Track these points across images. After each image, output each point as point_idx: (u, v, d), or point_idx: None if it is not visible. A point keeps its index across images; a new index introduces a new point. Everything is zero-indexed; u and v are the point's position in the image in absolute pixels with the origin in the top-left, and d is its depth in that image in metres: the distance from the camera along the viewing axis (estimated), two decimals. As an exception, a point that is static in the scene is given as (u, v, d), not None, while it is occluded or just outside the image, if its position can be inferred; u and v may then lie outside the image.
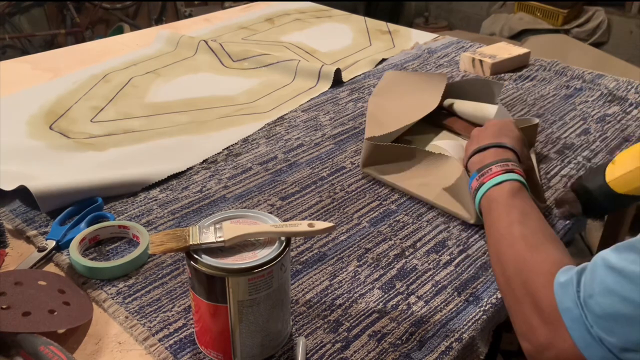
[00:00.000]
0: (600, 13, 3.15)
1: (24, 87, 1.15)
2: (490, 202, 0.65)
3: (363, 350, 0.59)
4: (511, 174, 0.66)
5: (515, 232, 0.58)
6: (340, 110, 1.09)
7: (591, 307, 0.45)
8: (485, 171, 0.68)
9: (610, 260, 0.46)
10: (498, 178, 0.66)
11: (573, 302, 0.47)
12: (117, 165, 0.88)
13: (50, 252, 0.70)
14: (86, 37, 3.16)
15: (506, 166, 0.67)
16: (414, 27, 2.14)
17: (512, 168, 0.67)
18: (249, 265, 0.51)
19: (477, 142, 0.75)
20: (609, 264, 0.46)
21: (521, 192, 0.65)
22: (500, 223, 0.61)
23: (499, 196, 0.64)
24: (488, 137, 0.74)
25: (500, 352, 1.38)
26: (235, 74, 1.24)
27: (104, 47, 1.39)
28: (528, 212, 0.61)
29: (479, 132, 0.78)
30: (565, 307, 0.47)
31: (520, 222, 0.59)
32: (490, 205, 0.65)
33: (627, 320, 0.43)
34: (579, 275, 0.48)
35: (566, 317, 0.47)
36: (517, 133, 0.76)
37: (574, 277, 0.48)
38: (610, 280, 0.45)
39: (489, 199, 0.66)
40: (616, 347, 0.43)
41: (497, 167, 0.67)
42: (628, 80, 1.20)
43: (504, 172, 0.66)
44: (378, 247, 0.73)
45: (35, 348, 0.53)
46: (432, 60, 1.32)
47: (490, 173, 0.67)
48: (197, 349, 0.58)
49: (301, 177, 0.88)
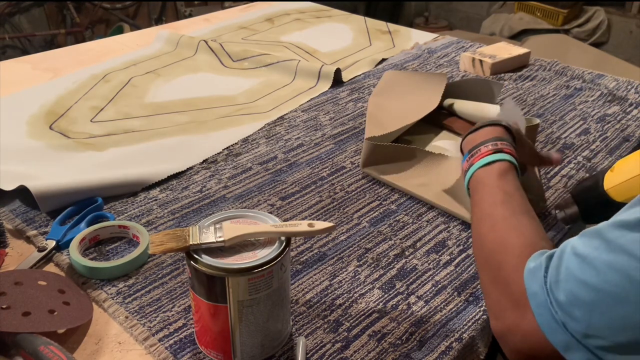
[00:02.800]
0: (600, 13, 3.15)
1: (24, 87, 1.15)
2: (477, 183, 0.64)
3: (363, 350, 0.59)
4: (501, 154, 0.64)
5: (497, 214, 0.58)
6: (340, 110, 1.09)
7: (556, 292, 0.46)
8: (475, 151, 0.66)
9: (576, 247, 0.46)
10: (487, 158, 0.64)
11: (540, 287, 0.47)
12: (117, 165, 0.88)
13: (50, 252, 0.70)
14: (86, 37, 3.16)
15: (495, 145, 0.65)
16: (414, 27, 2.14)
17: (501, 147, 0.65)
18: (249, 265, 0.51)
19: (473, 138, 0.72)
20: (575, 251, 0.46)
21: (509, 172, 0.63)
22: (483, 204, 0.61)
23: (485, 177, 0.63)
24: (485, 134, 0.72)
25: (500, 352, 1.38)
26: (235, 74, 1.24)
27: (104, 47, 1.39)
28: (512, 193, 0.60)
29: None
30: (533, 292, 0.48)
31: (502, 203, 0.59)
32: (477, 186, 0.64)
33: (589, 305, 0.43)
34: (547, 260, 0.48)
35: (533, 301, 0.48)
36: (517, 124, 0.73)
37: (544, 262, 0.48)
38: (574, 266, 0.45)
39: (477, 179, 0.64)
40: (579, 332, 0.44)
41: (487, 147, 0.65)
42: (628, 80, 1.20)
43: (493, 152, 0.64)
44: (378, 247, 0.73)
45: (35, 348, 0.53)
46: (432, 60, 1.32)
47: (480, 153, 0.66)
48: (197, 349, 0.58)
49: (301, 177, 0.88)
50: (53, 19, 3.17)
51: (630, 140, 0.99)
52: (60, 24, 3.20)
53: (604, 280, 0.43)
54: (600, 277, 0.43)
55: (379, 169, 0.86)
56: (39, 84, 1.16)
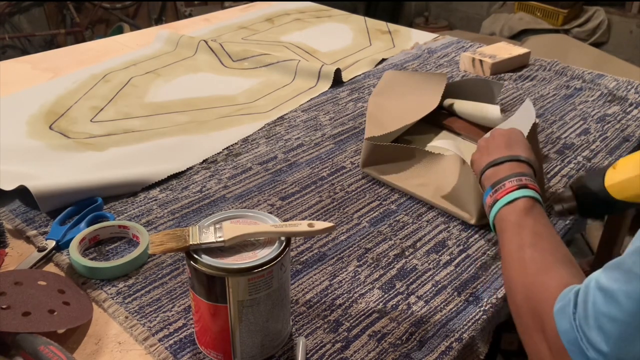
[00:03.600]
0: (600, 13, 3.15)
1: (24, 87, 1.15)
2: (502, 221, 0.63)
3: (363, 350, 0.59)
4: (525, 190, 0.64)
5: (526, 256, 0.57)
6: (340, 110, 1.09)
7: (586, 329, 0.45)
8: (499, 187, 0.66)
9: (600, 280, 0.45)
10: (511, 195, 0.64)
11: (570, 324, 0.46)
12: (117, 165, 0.88)
13: (50, 252, 0.70)
14: (86, 37, 3.16)
15: (520, 181, 0.65)
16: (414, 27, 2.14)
17: (525, 183, 0.65)
18: (248, 265, 0.51)
19: (488, 154, 0.72)
20: (598, 285, 0.45)
21: (534, 209, 0.62)
22: (511, 246, 0.59)
23: (510, 215, 0.62)
24: (500, 149, 0.71)
25: (500, 352, 1.38)
26: (235, 74, 1.24)
27: (104, 47, 1.39)
28: (540, 232, 0.59)
29: (487, 142, 0.75)
30: (564, 330, 0.47)
31: (530, 245, 0.58)
32: (502, 225, 0.63)
33: (616, 340, 0.43)
34: (575, 296, 0.47)
35: (564, 339, 0.47)
36: (527, 143, 0.73)
37: (572, 298, 0.47)
38: (599, 300, 0.44)
39: (502, 217, 0.63)
40: None
41: (511, 183, 0.65)
42: (628, 80, 1.20)
43: (518, 188, 0.64)
44: (378, 247, 0.73)
45: (35, 348, 0.53)
46: (432, 60, 1.32)
47: (504, 189, 0.65)
48: (197, 349, 0.58)
49: (301, 177, 0.88)
50: (53, 19, 3.17)
51: (630, 140, 0.99)
52: (60, 24, 3.20)
53: (626, 312, 0.42)
54: (622, 308, 0.42)
55: (378, 169, 0.86)
56: (39, 84, 1.16)
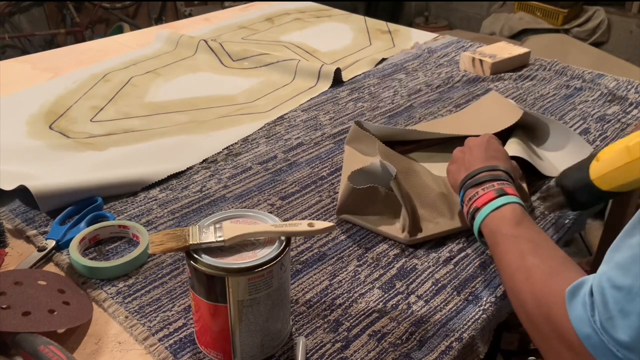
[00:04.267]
0: (600, 13, 3.15)
1: (23, 87, 1.15)
2: (493, 234, 0.62)
3: (363, 350, 0.59)
4: (506, 197, 0.63)
5: (528, 264, 0.56)
6: (340, 110, 1.09)
7: (612, 332, 0.44)
8: (473, 195, 0.65)
9: (614, 279, 0.45)
10: (492, 204, 0.63)
11: (591, 328, 0.46)
12: (117, 165, 0.88)
13: (50, 251, 0.70)
14: (86, 36, 3.16)
15: (493, 187, 0.64)
16: (414, 26, 2.14)
17: (501, 187, 0.64)
18: (248, 264, 0.51)
19: (465, 167, 0.71)
20: (614, 283, 0.45)
21: (523, 217, 0.62)
22: (510, 256, 0.59)
23: (501, 226, 0.62)
24: (479, 160, 0.70)
25: (500, 351, 1.38)
26: (235, 73, 1.24)
27: (104, 46, 1.39)
28: (535, 239, 0.59)
29: (462, 153, 0.74)
30: (586, 335, 0.46)
31: (530, 252, 0.57)
32: (495, 238, 0.62)
33: None
34: (589, 298, 0.47)
35: (588, 344, 0.46)
36: (503, 150, 0.73)
37: (587, 301, 0.47)
38: (621, 299, 0.44)
39: (491, 229, 0.63)
40: None
41: (485, 191, 0.65)
42: (628, 79, 1.20)
43: (497, 196, 0.63)
44: (378, 246, 0.73)
45: (35, 348, 0.53)
46: (432, 60, 1.32)
47: (478, 197, 0.64)
48: (197, 349, 0.58)
49: (301, 176, 0.88)
50: (53, 18, 3.17)
51: (630, 139, 0.99)
52: (60, 23, 3.20)
53: None
54: None
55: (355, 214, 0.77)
56: (38, 84, 1.16)
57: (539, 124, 0.94)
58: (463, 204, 0.69)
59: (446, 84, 1.19)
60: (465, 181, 0.69)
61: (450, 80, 1.20)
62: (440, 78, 1.22)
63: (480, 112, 1.00)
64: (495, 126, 0.83)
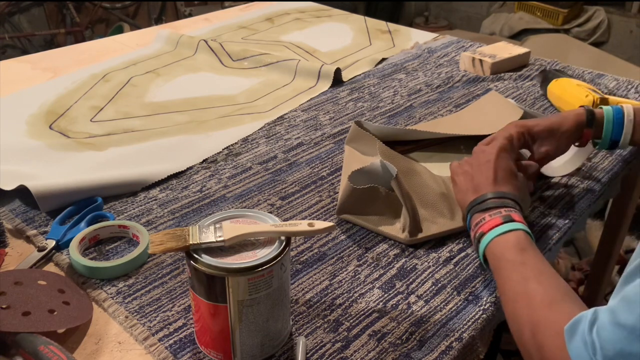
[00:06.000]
0: (600, 12, 3.15)
1: (23, 87, 1.15)
2: (499, 260, 0.62)
3: (363, 350, 0.59)
4: (512, 224, 0.63)
5: (530, 290, 0.56)
6: (340, 110, 1.09)
7: None
8: (480, 220, 0.65)
9: (618, 315, 0.44)
10: (497, 230, 0.63)
11: None
12: (117, 164, 0.88)
13: (50, 251, 0.70)
14: (86, 36, 3.16)
15: (500, 213, 0.64)
16: (414, 26, 2.14)
17: (508, 214, 0.64)
18: (248, 264, 0.51)
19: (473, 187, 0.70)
20: (616, 320, 0.44)
21: (528, 244, 0.61)
22: (512, 281, 0.58)
23: (506, 252, 0.61)
24: (487, 183, 0.69)
25: (500, 351, 1.38)
26: (235, 73, 1.24)
27: (104, 46, 1.39)
28: (540, 268, 0.59)
29: (470, 167, 0.72)
30: None
31: (533, 278, 0.57)
32: (498, 262, 0.62)
33: None
34: (589, 335, 0.46)
35: None
36: (512, 170, 0.71)
37: (587, 338, 0.46)
38: (622, 339, 0.43)
39: (496, 255, 0.62)
40: None
41: (492, 217, 0.64)
42: (628, 79, 1.20)
43: (503, 223, 0.63)
44: (378, 246, 0.73)
45: (35, 348, 0.53)
46: (432, 60, 1.32)
47: (485, 223, 0.64)
48: (197, 349, 0.58)
49: (301, 176, 0.88)
50: (53, 18, 3.17)
51: (630, 139, 0.99)
52: (60, 23, 3.20)
53: None
54: None
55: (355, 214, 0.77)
56: (38, 84, 1.16)
57: None
58: (470, 228, 0.68)
59: (446, 84, 1.19)
60: (473, 205, 0.68)
61: (450, 80, 1.20)
62: (440, 78, 1.22)
63: (480, 112, 1.00)
64: (495, 126, 0.83)
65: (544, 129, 0.76)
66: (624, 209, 1.19)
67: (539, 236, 0.75)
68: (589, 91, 1.01)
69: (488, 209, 0.66)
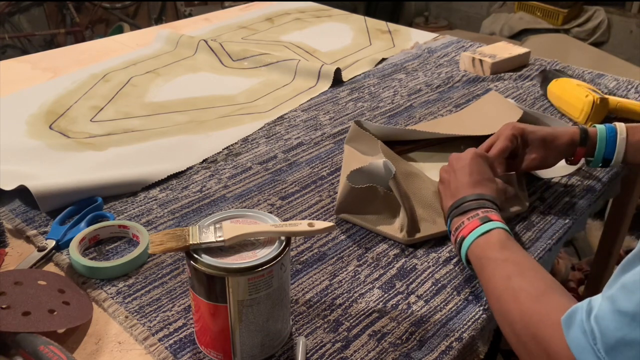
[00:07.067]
0: (600, 12, 3.15)
1: (23, 87, 1.15)
2: (479, 259, 0.62)
3: (363, 350, 0.59)
4: (490, 224, 0.63)
5: (514, 285, 0.57)
6: (340, 110, 1.09)
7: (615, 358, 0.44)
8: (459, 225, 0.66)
9: (618, 302, 0.44)
10: (479, 230, 0.63)
11: (593, 355, 0.45)
12: (117, 164, 0.88)
13: (50, 251, 0.70)
14: (86, 36, 3.16)
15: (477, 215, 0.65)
16: (414, 26, 2.14)
17: (486, 215, 0.65)
18: (248, 264, 0.51)
19: (451, 193, 0.71)
20: (617, 308, 0.44)
21: (508, 240, 0.62)
22: (496, 279, 0.59)
23: (486, 250, 0.62)
24: (463, 187, 0.70)
25: (500, 351, 1.38)
26: (235, 73, 1.24)
27: (104, 46, 1.39)
28: (521, 262, 0.59)
29: (447, 175, 0.74)
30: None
31: (517, 274, 0.58)
32: (480, 262, 0.62)
33: None
34: (587, 324, 0.46)
35: None
36: (487, 172, 0.72)
37: (586, 327, 0.46)
38: (624, 326, 0.43)
39: (477, 255, 0.63)
40: None
41: (470, 221, 0.65)
42: (628, 80, 1.20)
43: (482, 223, 0.64)
44: (378, 246, 0.73)
45: (35, 348, 0.53)
46: (432, 60, 1.32)
47: (464, 227, 0.65)
48: (197, 349, 0.58)
49: (301, 176, 0.88)
50: (53, 18, 3.17)
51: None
52: (60, 23, 3.20)
53: None
54: None
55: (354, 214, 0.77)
56: (38, 84, 1.16)
57: (539, 123, 0.94)
58: (450, 233, 0.69)
59: (446, 84, 1.19)
60: (452, 209, 0.69)
61: (450, 80, 1.20)
62: (440, 78, 1.22)
63: (480, 112, 1.00)
64: (495, 126, 0.83)
65: (539, 137, 0.78)
66: (624, 209, 1.20)
67: (539, 236, 0.75)
68: (589, 91, 1.01)
69: (466, 212, 0.66)
